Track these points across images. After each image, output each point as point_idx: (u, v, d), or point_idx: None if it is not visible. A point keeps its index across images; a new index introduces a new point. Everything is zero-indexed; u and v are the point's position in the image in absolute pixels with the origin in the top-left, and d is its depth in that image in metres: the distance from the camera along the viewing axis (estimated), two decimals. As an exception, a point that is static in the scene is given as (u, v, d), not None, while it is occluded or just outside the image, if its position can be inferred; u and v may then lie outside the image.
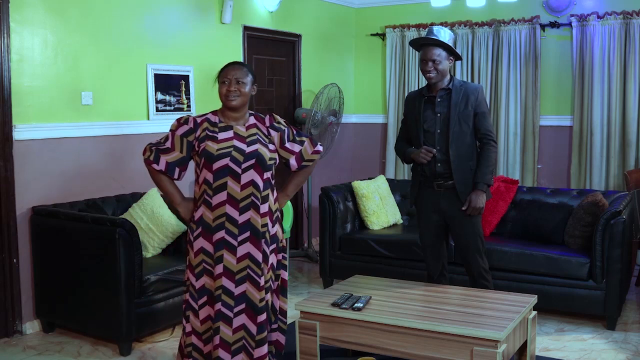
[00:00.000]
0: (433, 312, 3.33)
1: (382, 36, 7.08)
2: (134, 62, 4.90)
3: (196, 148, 3.18)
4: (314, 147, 3.40)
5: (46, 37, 4.32)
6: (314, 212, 6.42)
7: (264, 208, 3.18)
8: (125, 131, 4.83)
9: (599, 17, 5.92)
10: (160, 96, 5.09)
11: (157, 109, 5.07)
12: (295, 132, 3.38)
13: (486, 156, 3.89)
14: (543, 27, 6.20)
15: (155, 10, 5.03)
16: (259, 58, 6.15)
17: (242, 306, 3.13)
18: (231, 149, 3.13)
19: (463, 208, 3.89)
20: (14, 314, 4.25)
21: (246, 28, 5.88)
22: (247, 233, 3.13)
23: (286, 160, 3.35)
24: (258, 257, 3.14)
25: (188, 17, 5.32)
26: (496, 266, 4.56)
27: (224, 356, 3.11)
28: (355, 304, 3.38)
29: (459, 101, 3.88)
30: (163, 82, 5.11)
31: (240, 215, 3.12)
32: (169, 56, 5.16)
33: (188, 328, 3.23)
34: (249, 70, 3.27)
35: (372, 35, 7.14)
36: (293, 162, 3.36)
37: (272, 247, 3.26)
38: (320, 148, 3.43)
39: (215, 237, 3.13)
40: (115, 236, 3.83)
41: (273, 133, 3.30)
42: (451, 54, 3.90)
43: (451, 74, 3.98)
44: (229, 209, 3.11)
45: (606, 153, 6.00)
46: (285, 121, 3.39)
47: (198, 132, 3.19)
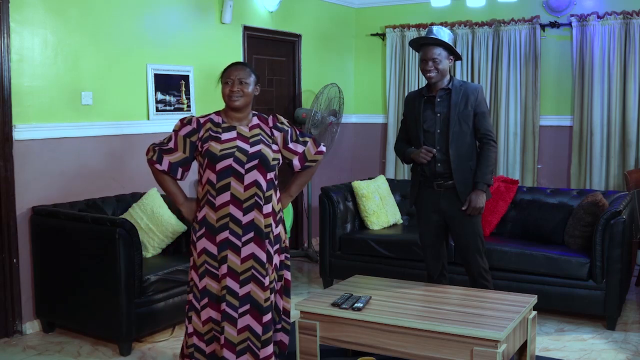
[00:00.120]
0: (433, 312, 3.32)
1: (382, 36, 7.08)
2: (134, 62, 4.90)
3: (199, 148, 3.18)
4: (317, 148, 3.40)
5: (46, 37, 4.33)
6: (314, 212, 6.42)
7: (267, 208, 3.18)
8: (125, 131, 4.83)
9: (599, 17, 5.92)
10: (160, 96, 5.09)
11: (157, 109, 5.07)
12: (298, 133, 3.38)
13: (486, 156, 3.89)
14: (543, 27, 6.20)
15: (155, 10, 5.03)
16: (259, 58, 6.15)
17: (247, 307, 3.13)
18: (234, 150, 3.13)
19: (463, 208, 3.89)
20: (14, 314, 4.25)
21: (246, 28, 5.88)
22: (251, 233, 3.13)
23: (289, 160, 3.35)
24: (262, 258, 3.14)
25: (188, 17, 5.32)
26: (496, 266, 4.56)
27: (229, 356, 3.12)
28: (355, 304, 3.38)
29: (459, 101, 3.88)
30: (163, 82, 5.10)
31: (244, 215, 3.12)
32: (169, 56, 5.16)
33: (190, 329, 3.24)
34: (252, 70, 3.27)
35: (372, 35, 7.14)
36: (296, 163, 3.36)
37: (276, 248, 3.26)
38: (323, 149, 3.43)
39: (219, 238, 3.13)
40: (115, 236, 3.83)
41: (276, 133, 3.30)
42: (451, 54, 3.91)
43: (451, 74, 3.98)
44: (233, 210, 3.11)
45: (606, 153, 6.00)
46: (288, 121, 3.39)
47: (201, 133, 3.18)
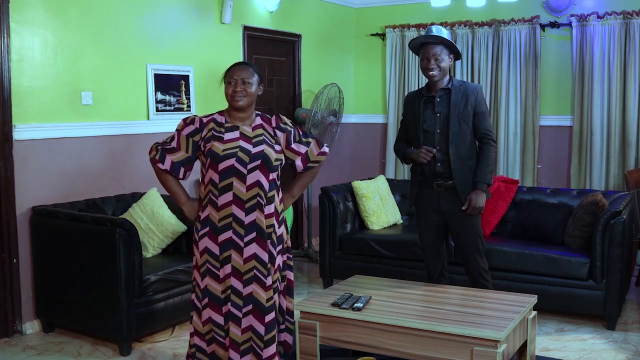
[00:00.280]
0: (433, 312, 3.32)
1: (382, 36, 7.08)
2: (134, 62, 4.90)
3: (202, 148, 3.17)
4: (320, 149, 3.40)
5: (46, 37, 4.33)
6: (314, 212, 6.42)
7: (270, 209, 3.18)
8: (125, 131, 4.83)
9: (599, 17, 5.92)
10: (160, 96, 5.09)
11: (157, 109, 5.07)
12: (301, 133, 3.37)
13: (486, 156, 3.89)
14: (543, 27, 6.20)
15: (155, 10, 5.03)
16: (259, 58, 6.15)
17: (250, 307, 3.13)
18: (237, 150, 3.13)
19: (463, 208, 3.89)
20: (14, 314, 4.25)
21: (246, 28, 5.88)
22: (253, 234, 3.13)
23: (292, 161, 3.35)
24: (264, 258, 3.14)
25: (188, 17, 5.32)
26: (496, 266, 4.56)
27: (234, 357, 3.13)
28: (355, 304, 3.38)
29: (459, 101, 3.88)
30: (163, 82, 5.11)
31: (246, 215, 3.12)
32: (169, 56, 5.16)
33: (191, 329, 3.25)
34: (255, 70, 3.26)
35: (372, 35, 7.13)
36: (299, 163, 3.36)
37: (279, 248, 3.26)
38: (326, 149, 3.43)
39: (221, 238, 3.13)
40: (115, 236, 3.83)
41: (279, 134, 3.29)
42: (452, 52, 3.91)
43: (450, 75, 3.99)
44: (235, 210, 3.11)
45: (606, 153, 6.00)
46: (291, 122, 3.39)
47: (204, 132, 3.18)
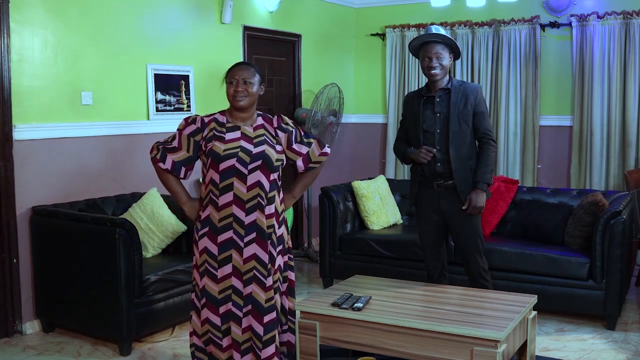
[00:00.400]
0: (433, 312, 3.32)
1: (382, 36, 7.07)
2: (134, 62, 4.90)
3: (203, 148, 3.17)
4: (322, 149, 3.40)
5: (46, 37, 4.32)
6: (314, 212, 6.42)
7: (270, 209, 3.18)
8: (125, 131, 4.83)
9: (599, 17, 5.91)
10: (160, 96, 5.09)
11: (157, 109, 5.07)
12: (303, 134, 3.37)
13: (486, 155, 3.90)
14: (543, 27, 6.20)
15: (155, 10, 5.03)
16: (259, 58, 6.14)
17: (249, 307, 3.13)
18: (238, 150, 3.13)
19: (463, 207, 3.89)
20: (14, 314, 4.25)
21: (246, 28, 5.88)
22: (253, 234, 3.13)
23: (293, 161, 3.35)
24: (264, 258, 3.14)
25: (188, 17, 5.32)
26: (496, 266, 4.56)
27: (235, 356, 3.14)
28: (355, 304, 3.38)
29: (458, 101, 3.88)
30: (163, 82, 5.10)
31: (246, 216, 3.12)
32: (169, 56, 5.16)
33: (190, 328, 3.26)
34: (257, 70, 3.26)
35: (372, 35, 7.13)
36: (300, 164, 3.36)
37: (279, 249, 3.26)
38: (327, 150, 3.42)
39: (221, 238, 3.12)
40: (115, 236, 3.83)
41: (280, 134, 3.29)
42: (451, 51, 3.91)
43: (450, 75, 3.99)
44: (236, 210, 3.11)
45: (606, 153, 6.00)
46: (293, 122, 3.38)
47: (205, 132, 3.18)
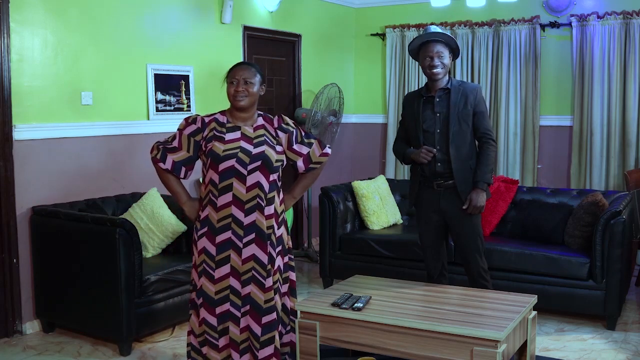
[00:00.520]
0: (433, 312, 3.32)
1: (382, 36, 7.07)
2: (134, 62, 4.90)
3: (203, 148, 3.17)
4: (322, 150, 3.38)
5: (46, 37, 4.33)
6: (314, 212, 6.42)
7: (269, 210, 3.17)
8: (125, 131, 4.83)
9: (599, 17, 5.91)
10: (160, 96, 5.09)
11: (157, 109, 5.07)
12: (303, 134, 3.35)
13: (485, 155, 3.90)
14: (543, 27, 6.20)
15: (155, 10, 5.03)
16: (259, 58, 6.14)
17: (247, 307, 3.13)
18: (237, 150, 3.12)
19: (464, 207, 3.89)
20: (14, 314, 4.25)
21: (246, 28, 5.88)
22: (252, 235, 3.13)
23: (294, 162, 3.34)
24: (263, 259, 3.14)
25: (188, 17, 5.32)
26: (496, 266, 4.56)
27: (234, 356, 3.14)
28: (355, 304, 3.37)
29: (458, 100, 3.88)
30: (163, 82, 5.11)
31: (245, 217, 3.11)
32: (169, 56, 5.16)
33: (189, 327, 3.26)
34: (258, 70, 3.25)
35: (372, 35, 7.13)
36: (300, 164, 3.35)
37: (279, 250, 3.25)
38: (328, 150, 3.41)
39: (220, 238, 3.12)
40: (115, 236, 3.83)
41: (281, 134, 3.28)
42: (451, 51, 3.92)
43: (449, 75, 3.99)
44: (235, 210, 3.10)
45: (606, 153, 6.00)
46: (294, 122, 3.37)
47: (205, 132, 3.18)
